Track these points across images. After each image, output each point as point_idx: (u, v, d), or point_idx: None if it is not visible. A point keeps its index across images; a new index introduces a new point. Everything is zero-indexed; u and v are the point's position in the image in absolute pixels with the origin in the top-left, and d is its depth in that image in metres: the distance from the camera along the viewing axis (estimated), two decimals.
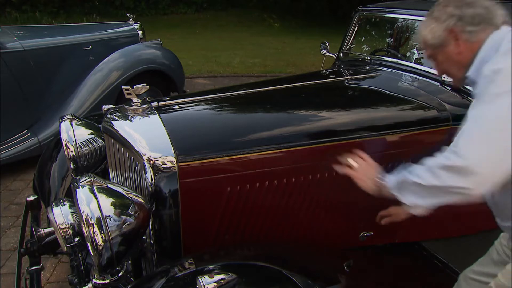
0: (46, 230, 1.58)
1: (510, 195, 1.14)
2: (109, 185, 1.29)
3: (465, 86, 1.71)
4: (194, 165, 1.44)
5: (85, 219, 1.17)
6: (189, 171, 1.44)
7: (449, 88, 1.95)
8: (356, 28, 2.75)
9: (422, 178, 1.12)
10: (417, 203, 1.16)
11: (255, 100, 1.91)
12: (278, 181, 1.56)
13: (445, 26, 1.21)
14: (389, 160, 1.64)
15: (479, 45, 1.17)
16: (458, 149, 1.03)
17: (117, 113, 1.61)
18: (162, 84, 4.30)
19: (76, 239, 1.38)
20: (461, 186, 1.03)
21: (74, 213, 1.39)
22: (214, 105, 1.79)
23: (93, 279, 1.36)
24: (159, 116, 1.54)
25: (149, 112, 1.57)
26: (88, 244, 1.18)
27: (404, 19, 2.42)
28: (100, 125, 1.77)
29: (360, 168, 1.37)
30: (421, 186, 1.13)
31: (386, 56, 2.49)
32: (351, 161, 1.40)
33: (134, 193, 1.33)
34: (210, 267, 1.26)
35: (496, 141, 0.99)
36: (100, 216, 1.18)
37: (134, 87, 1.54)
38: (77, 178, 1.29)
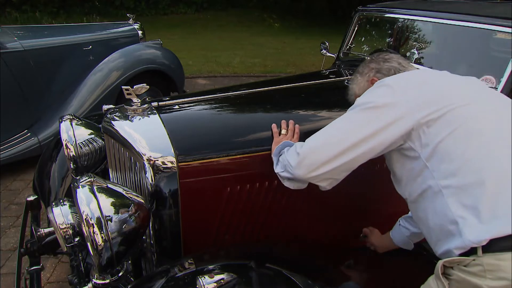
0: (46, 230, 1.58)
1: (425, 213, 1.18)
2: (109, 185, 1.29)
3: None
4: (194, 165, 1.44)
5: (85, 219, 1.17)
6: (189, 171, 1.44)
7: None
8: (356, 28, 2.75)
9: (287, 151, 1.34)
10: (279, 173, 1.36)
11: (255, 100, 1.91)
12: (278, 181, 1.56)
13: (367, 78, 1.47)
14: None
15: None
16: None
17: (117, 113, 1.61)
18: (162, 84, 4.30)
19: (76, 239, 1.38)
20: (289, 162, 1.27)
21: (74, 213, 1.39)
22: (214, 105, 1.79)
23: (93, 279, 1.36)
24: (159, 116, 1.54)
25: (149, 112, 1.57)
26: (88, 244, 1.18)
27: (404, 19, 2.42)
28: (100, 125, 1.76)
29: (283, 136, 1.53)
30: (284, 157, 1.34)
31: None
32: (284, 125, 1.56)
33: (134, 193, 1.33)
34: (210, 267, 1.26)
35: (323, 136, 1.23)
36: (100, 216, 1.18)
37: (134, 87, 1.54)
38: (77, 178, 1.29)
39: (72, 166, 1.86)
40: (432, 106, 1.14)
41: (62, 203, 1.43)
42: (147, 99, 1.71)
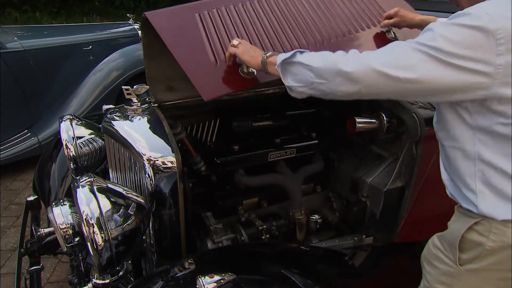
0: (46, 230, 1.58)
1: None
2: (109, 185, 1.29)
3: None
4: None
5: (85, 219, 1.17)
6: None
7: None
8: None
9: (313, 63, 1.10)
10: (293, 86, 1.16)
11: None
12: None
13: None
14: None
15: None
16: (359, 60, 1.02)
17: (117, 113, 1.61)
18: None
19: (76, 239, 1.38)
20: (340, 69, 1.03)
21: (74, 213, 1.39)
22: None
23: (93, 279, 1.36)
24: (159, 116, 1.54)
25: (149, 112, 1.57)
26: (88, 244, 1.18)
27: None
28: (100, 125, 1.77)
29: (243, 46, 1.36)
30: (308, 68, 1.11)
31: None
32: (235, 41, 1.39)
33: (134, 193, 1.33)
34: (210, 267, 1.26)
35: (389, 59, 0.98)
36: (100, 216, 1.18)
37: (134, 87, 1.54)
38: (77, 178, 1.29)
39: (72, 166, 1.87)
40: None
41: (62, 203, 1.43)
42: (147, 99, 1.71)
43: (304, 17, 1.61)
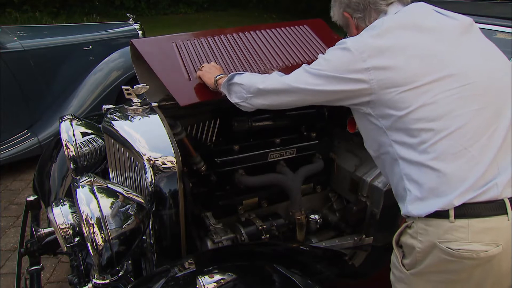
0: (46, 230, 1.57)
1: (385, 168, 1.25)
2: (109, 185, 1.30)
3: None
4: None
5: (85, 219, 1.17)
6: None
7: None
8: None
9: (244, 82, 1.35)
10: (237, 103, 1.39)
11: None
12: None
13: (341, 11, 1.36)
14: None
15: None
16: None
17: (117, 113, 1.61)
18: None
19: (76, 239, 1.37)
20: (248, 95, 1.34)
21: (74, 213, 1.39)
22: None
23: (93, 279, 1.36)
24: (159, 116, 1.54)
25: (149, 112, 1.57)
26: (88, 244, 1.19)
27: None
28: (100, 125, 1.77)
29: (205, 68, 1.61)
30: (241, 87, 1.36)
31: None
32: (201, 65, 1.65)
33: (134, 193, 1.33)
34: (210, 267, 1.26)
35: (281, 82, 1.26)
36: (100, 216, 1.18)
37: (134, 87, 1.54)
38: (77, 178, 1.29)
39: (72, 166, 1.87)
40: (400, 84, 1.08)
41: (62, 203, 1.43)
42: (147, 99, 1.71)
43: (261, 49, 1.88)
